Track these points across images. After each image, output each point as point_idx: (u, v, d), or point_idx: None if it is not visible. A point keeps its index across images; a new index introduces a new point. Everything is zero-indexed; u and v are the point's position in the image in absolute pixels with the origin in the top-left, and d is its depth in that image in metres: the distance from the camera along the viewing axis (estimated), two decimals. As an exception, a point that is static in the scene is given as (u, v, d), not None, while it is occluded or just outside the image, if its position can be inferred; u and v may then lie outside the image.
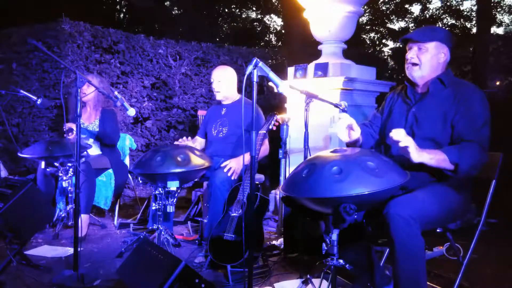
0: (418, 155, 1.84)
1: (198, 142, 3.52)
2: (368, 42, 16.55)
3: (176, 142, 3.15)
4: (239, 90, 3.54)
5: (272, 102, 6.00)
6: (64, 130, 3.46)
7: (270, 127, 2.94)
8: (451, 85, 2.09)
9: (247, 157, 3.14)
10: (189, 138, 3.26)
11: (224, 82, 3.32)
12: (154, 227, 2.90)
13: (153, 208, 2.91)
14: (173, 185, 2.77)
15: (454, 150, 1.91)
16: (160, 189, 2.84)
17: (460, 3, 15.68)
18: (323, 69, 3.89)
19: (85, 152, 3.47)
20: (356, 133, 2.14)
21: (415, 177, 1.94)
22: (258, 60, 1.88)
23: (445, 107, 2.05)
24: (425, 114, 2.10)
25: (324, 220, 1.87)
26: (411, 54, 2.13)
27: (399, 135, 1.83)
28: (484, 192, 2.14)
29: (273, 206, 4.12)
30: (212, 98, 3.81)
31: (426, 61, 2.10)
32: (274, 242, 3.28)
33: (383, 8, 15.92)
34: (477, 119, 1.98)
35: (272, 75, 1.92)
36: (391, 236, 1.77)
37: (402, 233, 1.75)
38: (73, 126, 3.43)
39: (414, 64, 2.12)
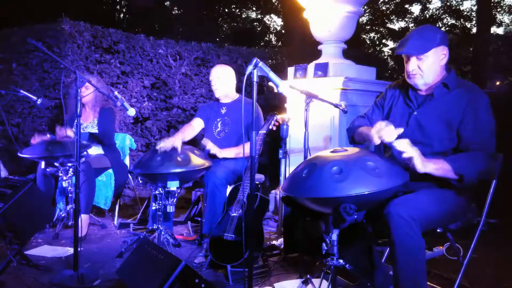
0: (423, 166, 1.83)
1: (196, 123, 3.43)
2: (368, 42, 16.56)
3: (160, 146, 2.84)
4: (239, 90, 3.55)
5: (272, 102, 5.99)
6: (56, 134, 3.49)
7: (270, 127, 2.94)
8: (456, 88, 2.04)
9: (234, 152, 3.17)
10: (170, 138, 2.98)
11: (223, 79, 3.33)
12: (154, 227, 2.90)
13: (153, 208, 2.91)
14: (173, 185, 2.78)
15: (460, 161, 1.89)
16: (160, 189, 2.84)
17: (460, 3, 15.70)
18: (323, 69, 3.89)
19: (85, 152, 3.46)
20: None
21: (416, 178, 1.94)
22: (258, 60, 1.87)
23: (450, 112, 2.01)
24: (428, 119, 2.05)
25: (324, 220, 1.87)
26: (412, 67, 2.04)
27: (403, 146, 1.81)
28: (484, 192, 2.14)
29: (273, 206, 4.12)
30: (212, 98, 3.81)
31: (428, 69, 2.03)
32: (274, 242, 3.28)
33: (383, 8, 15.93)
34: (484, 128, 1.95)
35: (272, 75, 1.92)
36: (391, 237, 1.77)
37: (402, 233, 1.75)
38: (69, 131, 3.44)
39: (417, 75, 2.05)
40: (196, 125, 3.42)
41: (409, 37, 2.05)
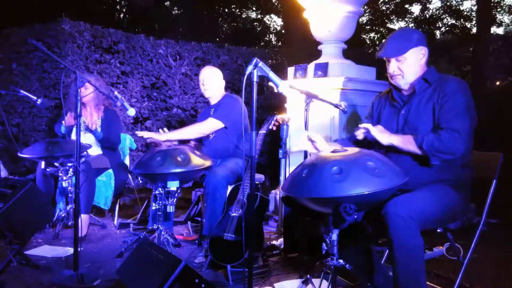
0: (383, 137, 2.01)
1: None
2: (368, 42, 16.54)
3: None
4: (236, 91, 3.56)
5: (272, 102, 6.00)
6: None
7: (270, 127, 2.94)
8: (435, 82, 2.10)
9: (182, 132, 3.28)
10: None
11: (210, 80, 3.36)
12: (154, 227, 2.90)
13: (153, 208, 2.91)
14: (173, 185, 2.77)
15: (424, 135, 1.97)
16: (160, 189, 2.84)
17: (460, 3, 15.66)
18: (323, 69, 3.89)
19: (85, 152, 3.47)
20: (321, 144, 2.18)
21: (415, 177, 1.95)
22: (258, 60, 1.87)
23: (431, 104, 2.06)
24: (414, 115, 2.10)
25: (324, 220, 1.87)
26: (392, 68, 2.13)
27: (361, 128, 2.07)
28: (484, 192, 2.14)
29: (273, 206, 4.12)
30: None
31: (408, 69, 2.10)
32: (274, 242, 3.28)
33: (383, 8, 15.91)
34: (453, 109, 1.98)
35: (272, 75, 1.92)
36: (390, 236, 1.77)
37: (401, 233, 1.76)
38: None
39: (398, 75, 2.12)
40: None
41: (387, 40, 2.13)
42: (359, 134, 2.14)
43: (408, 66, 2.10)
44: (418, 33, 2.14)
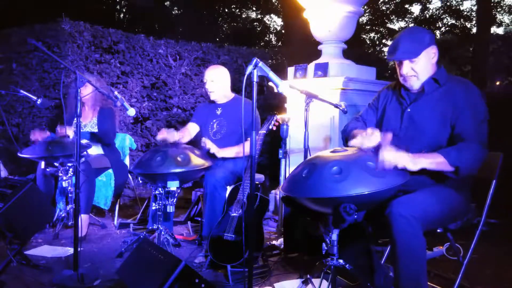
0: (414, 164, 1.83)
1: (191, 128, 3.43)
2: (368, 42, 16.55)
3: (160, 137, 3.01)
4: (236, 90, 3.54)
5: (272, 102, 6.00)
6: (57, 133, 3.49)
7: (270, 127, 2.94)
8: (446, 83, 2.08)
9: (235, 151, 3.16)
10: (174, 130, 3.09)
11: (218, 82, 3.31)
12: (154, 227, 2.90)
13: (153, 208, 2.91)
14: (173, 185, 2.77)
15: (453, 152, 1.89)
16: (160, 189, 2.84)
17: (460, 3, 15.68)
18: (323, 69, 3.89)
19: (85, 152, 3.46)
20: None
21: (416, 179, 1.95)
22: (258, 60, 1.87)
23: (442, 106, 2.03)
24: (421, 114, 2.08)
25: (324, 220, 1.88)
26: (406, 70, 2.08)
27: (387, 159, 1.77)
28: (484, 192, 2.14)
29: (273, 206, 4.12)
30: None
31: (422, 69, 2.07)
32: (274, 242, 3.28)
33: (383, 8, 15.93)
34: (477, 117, 1.97)
35: (272, 75, 1.92)
36: (393, 236, 1.78)
37: (404, 233, 1.76)
38: (69, 131, 3.43)
39: (412, 76, 2.09)
40: (191, 130, 3.42)
41: (398, 42, 2.06)
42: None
43: (422, 67, 2.07)
44: (429, 33, 2.11)
